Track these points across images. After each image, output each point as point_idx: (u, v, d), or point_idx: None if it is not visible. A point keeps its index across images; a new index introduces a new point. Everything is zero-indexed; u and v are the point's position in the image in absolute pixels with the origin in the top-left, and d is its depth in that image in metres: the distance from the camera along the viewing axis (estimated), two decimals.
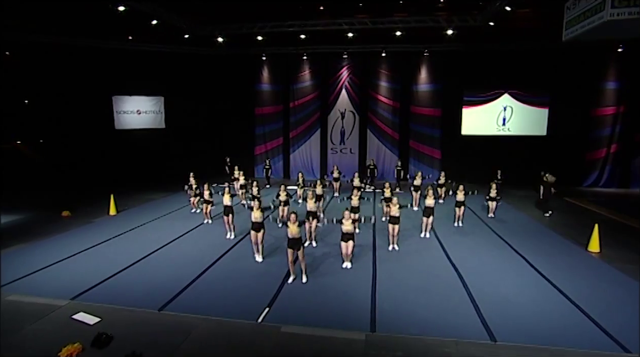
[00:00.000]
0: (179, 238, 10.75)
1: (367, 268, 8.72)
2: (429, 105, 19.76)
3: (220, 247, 10.01)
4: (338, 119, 20.56)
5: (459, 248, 10.05)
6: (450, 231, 11.68)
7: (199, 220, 12.51)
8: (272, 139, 21.16)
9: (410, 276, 8.31)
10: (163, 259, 9.24)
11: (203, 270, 8.48)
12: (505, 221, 12.78)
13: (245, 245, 10.02)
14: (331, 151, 20.81)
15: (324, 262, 8.99)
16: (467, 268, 8.67)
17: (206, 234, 11.19)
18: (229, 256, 9.42)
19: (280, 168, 21.35)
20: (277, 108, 20.89)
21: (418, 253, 9.71)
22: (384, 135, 20.32)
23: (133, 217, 12.64)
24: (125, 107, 18.68)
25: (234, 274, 8.34)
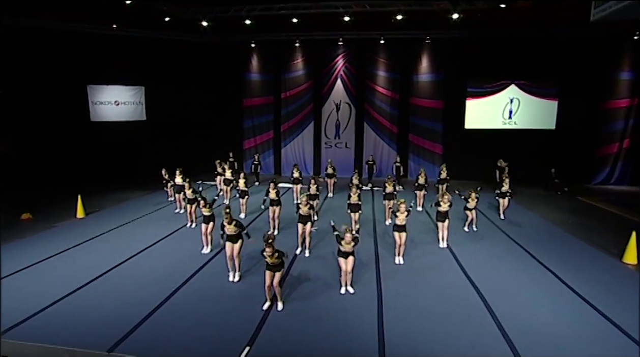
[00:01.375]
0: (150, 247, 9.38)
1: (371, 289, 7.35)
2: (430, 97, 18.47)
3: (196, 259, 8.67)
4: (333, 111, 19.20)
5: (473, 259, 8.83)
6: (461, 238, 10.46)
7: (180, 222, 11.26)
8: (262, 132, 19.77)
9: (422, 298, 7.03)
10: (125, 276, 7.82)
11: (171, 292, 7.08)
12: (520, 224, 11.57)
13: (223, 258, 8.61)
14: (325, 146, 19.48)
15: (318, 281, 7.67)
16: (488, 286, 7.44)
17: (183, 242, 9.82)
18: (205, 272, 8.06)
19: (271, 164, 19.98)
20: (267, 99, 19.47)
21: (429, 267, 8.43)
22: (382, 129, 19.01)
23: (103, 221, 11.26)
24: (102, 98, 17.13)
25: (208, 296, 6.98)
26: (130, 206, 13.13)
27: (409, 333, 5.91)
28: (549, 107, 17.76)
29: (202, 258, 8.75)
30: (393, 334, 5.89)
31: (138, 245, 9.36)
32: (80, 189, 12.91)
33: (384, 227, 11.08)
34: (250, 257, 8.28)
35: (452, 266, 8.52)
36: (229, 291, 7.22)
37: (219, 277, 7.73)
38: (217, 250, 9.04)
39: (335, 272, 7.62)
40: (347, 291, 7.23)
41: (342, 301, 6.94)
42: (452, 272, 8.17)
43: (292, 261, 8.56)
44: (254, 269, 8.06)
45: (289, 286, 7.32)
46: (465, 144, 18.27)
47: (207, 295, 7.06)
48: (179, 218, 11.67)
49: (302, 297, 6.99)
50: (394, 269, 8.30)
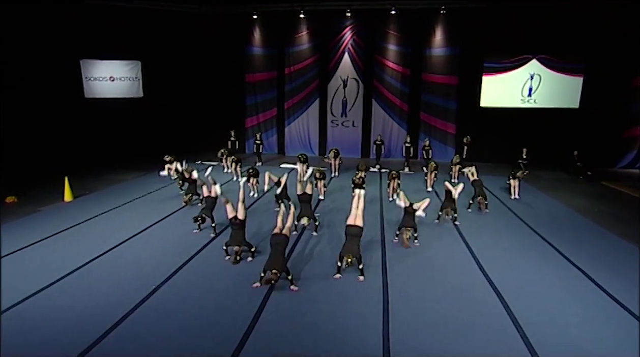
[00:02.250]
0: (140, 233, 8.67)
1: (376, 279, 6.71)
2: (444, 73, 17.23)
3: (189, 246, 7.97)
4: (339, 87, 18.10)
5: (486, 248, 8.09)
6: (473, 224, 9.63)
7: (176, 205, 10.62)
8: (265, 110, 18.79)
9: (432, 293, 6.30)
10: (106, 268, 7.06)
11: (157, 286, 6.39)
12: (539, 211, 10.60)
13: (219, 244, 7.94)
14: (331, 124, 18.48)
15: (315, 271, 6.99)
16: (504, 281, 6.65)
17: (178, 226, 9.18)
18: (196, 262, 7.37)
19: (274, 143, 19.10)
20: (270, 74, 18.41)
21: (438, 256, 7.74)
22: (392, 107, 17.91)
23: (91, 205, 10.56)
24: (96, 73, 16.29)
25: (196, 293, 6.26)
26: (123, 188, 12.44)
27: (417, 333, 5.27)
28: (573, 84, 16.44)
29: (198, 242, 8.17)
30: (399, 331, 5.23)
31: (125, 232, 8.64)
32: (72, 170, 12.21)
33: (390, 210, 10.22)
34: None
35: (464, 255, 7.81)
36: (220, 285, 6.51)
37: (212, 269, 7.08)
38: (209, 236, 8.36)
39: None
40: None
41: (344, 294, 6.27)
42: (463, 262, 7.46)
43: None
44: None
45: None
46: (480, 123, 17.12)
47: (197, 289, 6.39)
48: (173, 201, 11.05)
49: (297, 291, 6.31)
50: (401, 257, 7.63)
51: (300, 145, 18.57)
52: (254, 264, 7.10)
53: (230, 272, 7.00)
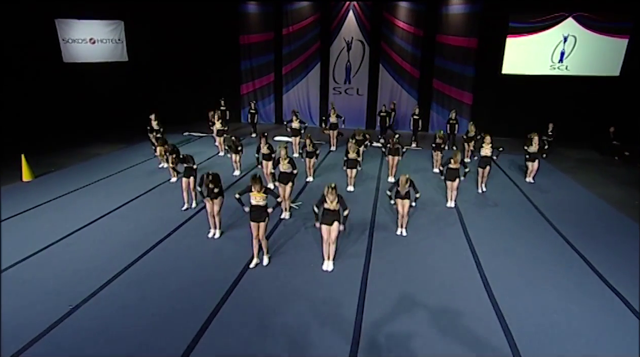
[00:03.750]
0: (111, 213, 7.99)
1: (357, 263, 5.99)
2: (462, 34, 15.06)
3: (163, 226, 7.36)
4: (343, 50, 16.19)
5: (488, 239, 7.05)
6: (476, 206, 8.50)
7: (158, 179, 9.95)
8: (262, 75, 17.14)
9: (415, 286, 5.48)
10: (44, 264, 6.13)
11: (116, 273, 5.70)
12: (560, 200, 9.04)
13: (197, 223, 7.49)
14: (333, 92, 16.73)
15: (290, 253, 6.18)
16: (502, 282, 5.71)
17: (154, 204, 8.56)
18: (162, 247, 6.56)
19: (272, 111, 17.57)
20: (267, 36, 16.59)
21: (432, 244, 6.82)
22: (401, 73, 15.96)
23: (52, 185, 9.51)
24: (75, 35, 14.82)
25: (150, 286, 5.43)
26: (93, 164, 11.29)
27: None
28: (615, 47, 14.04)
29: (174, 220, 7.69)
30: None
31: (83, 217, 7.76)
32: (44, 144, 11.29)
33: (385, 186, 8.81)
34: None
35: (459, 240, 7.02)
36: (188, 271, 5.79)
37: (186, 252, 6.52)
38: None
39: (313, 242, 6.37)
40: (327, 268, 6.11)
41: (316, 279, 5.81)
42: (458, 250, 6.65)
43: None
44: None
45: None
46: (500, 93, 15.10)
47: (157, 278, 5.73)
48: (150, 178, 10.11)
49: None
50: (392, 241, 6.74)
51: (299, 115, 16.94)
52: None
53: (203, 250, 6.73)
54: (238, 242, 6.83)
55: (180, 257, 6.46)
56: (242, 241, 6.80)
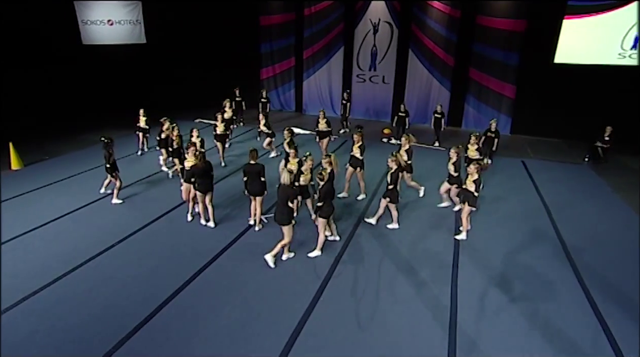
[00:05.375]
0: (91, 204, 7.91)
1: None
2: (508, 15, 12.85)
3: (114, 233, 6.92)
4: (369, 33, 14.57)
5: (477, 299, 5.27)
6: (485, 232, 6.88)
7: (154, 168, 9.85)
8: (282, 59, 16.06)
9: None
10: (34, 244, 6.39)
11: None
12: (598, 230, 7.18)
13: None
14: (357, 79, 15.25)
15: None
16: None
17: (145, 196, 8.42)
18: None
19: (292, 99, 16.50)
20: (288, 16, 15.38)
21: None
22: (433, 60, 14.09)
23: (38, 174, 9.44)
24: (93, 16, 14.63)
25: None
26: (88, 153, 11.02)
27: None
28: None
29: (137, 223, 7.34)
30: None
31: (60, 208, 7.72)
32: (48, 129, 11.23)
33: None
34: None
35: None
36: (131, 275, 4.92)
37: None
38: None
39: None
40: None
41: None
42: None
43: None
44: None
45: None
46: (550, 86, 12.84)
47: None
48: (145, 168, 9.88)
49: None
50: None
51: (320, 103, 15.79)
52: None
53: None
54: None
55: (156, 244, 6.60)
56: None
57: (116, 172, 8.02)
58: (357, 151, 8.00)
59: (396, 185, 6.72)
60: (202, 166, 6.84)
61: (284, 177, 5.71)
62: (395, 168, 6.65)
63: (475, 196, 6.55)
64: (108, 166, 7.93)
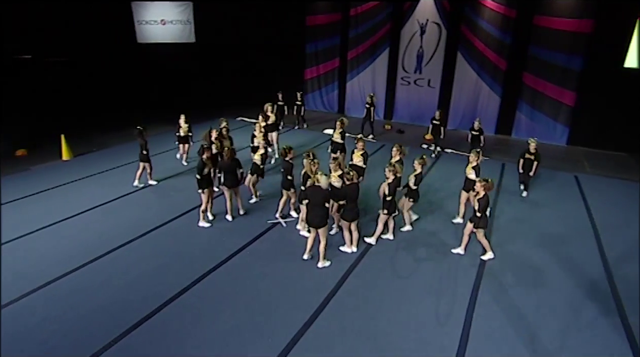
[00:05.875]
0: (113, 201, 8.12)
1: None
2: (571, 14, 11.73)
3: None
4: (416, 34, 13.98)
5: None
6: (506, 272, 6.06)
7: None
8: (326, 60, 15.85)
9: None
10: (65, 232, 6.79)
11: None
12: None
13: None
14: (401, 82, 14.70)
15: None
16: None
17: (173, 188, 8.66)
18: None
19: (334, 100, 16.26)
20: (333, 17, 15.15)
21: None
22: (484, 63, 13.21)
23: (85, 165, 10.04)
24: (148, 16, 15.39)
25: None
26: (133, 146, 11.51)
27: None
28: None
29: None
30: None
31: (94, 199, 8.09)
32: (100, 122, 11.86)
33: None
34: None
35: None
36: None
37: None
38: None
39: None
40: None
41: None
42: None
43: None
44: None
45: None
46: (617, 93, 11.57)
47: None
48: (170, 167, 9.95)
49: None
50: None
51: (362, 106, 15.37)
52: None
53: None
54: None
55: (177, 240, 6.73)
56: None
57: (149, 160, 8.66)
58: (359, 159, 7.50)
59: (394, 196, 6.29)
60: (229, 162, 7.05)
61: (322, 180, 5.69)
62: (393, 178, 6.23)
63: (478, 216, 5.92)
64: (144, 153, 8.52)
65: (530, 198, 8.67)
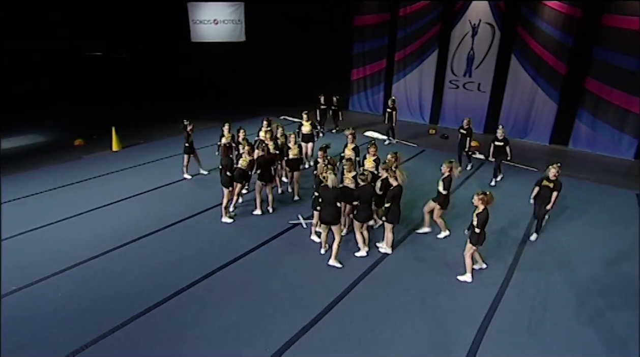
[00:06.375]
0: (149, 192, 8.53)
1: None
2: None
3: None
4: (467, 35, 13.28)
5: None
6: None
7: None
8: (373, 61, 15.55)
9: None
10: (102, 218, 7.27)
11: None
12: None
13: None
14: (450, 85, 14.05)
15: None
16: None
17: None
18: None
19: (380, 102, 15.90)
20: (382, 17, 14.83)
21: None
22: (540, 67, 12.22)
23: (130, 156, 10.70)
24: (202, 16, 16.03)
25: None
26: (176, 140, 12.12)
27: None
28: None
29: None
30: None
31: (120, 194, 8.42)
32: (150, 116, 12.51)
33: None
34: None
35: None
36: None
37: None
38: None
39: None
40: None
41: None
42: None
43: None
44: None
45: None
46: None
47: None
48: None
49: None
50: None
51: (408, 109, 15.01)
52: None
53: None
54: None
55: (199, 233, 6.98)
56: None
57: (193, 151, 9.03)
58: (371, 165, 7.10)
59: (393, 202, 5.97)
60: (268, 158, 7.31)
61: (331, 179, 5.68)
62: (396, 184, 5.93)
63: (477, 232, 5.38)
64: (187, 146, 8.90)
65: (576, 213, 7.87)
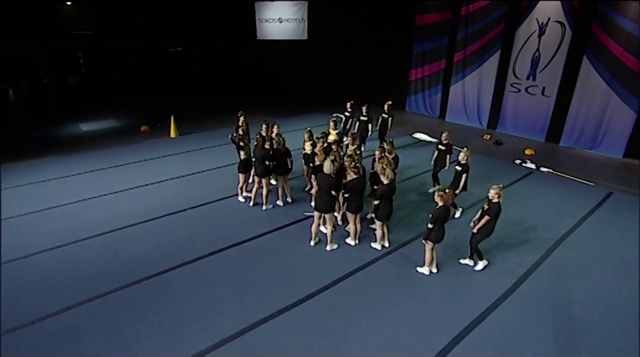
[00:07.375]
0: (190, 176, 9.32)
1: None
2: None
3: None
4: (533, 35, 12.26)
5: None
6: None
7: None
8: (432, 61, 15.04)
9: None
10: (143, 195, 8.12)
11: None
12: None
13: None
14: (511, 89, 13.07)
15: None
16: None
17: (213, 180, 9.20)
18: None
19: (437, 103, 15.34)
20: (443, 16, 14.28)
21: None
22: (618, 70, 10.89)
23: (183, 143, 11.69)
24: (267, 15, 16.79)
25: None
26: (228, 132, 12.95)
27: None
28: None
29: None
30: None
31: (165, 174, 9.31)
32: (214, 108, 13.50)
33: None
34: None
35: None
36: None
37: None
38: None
39: None
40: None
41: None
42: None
43: None
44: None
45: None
46: None
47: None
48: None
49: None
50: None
51: (464, 113, 14.35)
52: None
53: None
54: None
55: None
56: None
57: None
58: (380, 167, 6.91)
59: (382, 200, 5.93)
60: (284, 151, 7.46)
61: (327, 166, 5.86)
62: (386, 183, 5.85)
63: (429, 227, 5.36)
64: (234, 135, 9.25)
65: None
